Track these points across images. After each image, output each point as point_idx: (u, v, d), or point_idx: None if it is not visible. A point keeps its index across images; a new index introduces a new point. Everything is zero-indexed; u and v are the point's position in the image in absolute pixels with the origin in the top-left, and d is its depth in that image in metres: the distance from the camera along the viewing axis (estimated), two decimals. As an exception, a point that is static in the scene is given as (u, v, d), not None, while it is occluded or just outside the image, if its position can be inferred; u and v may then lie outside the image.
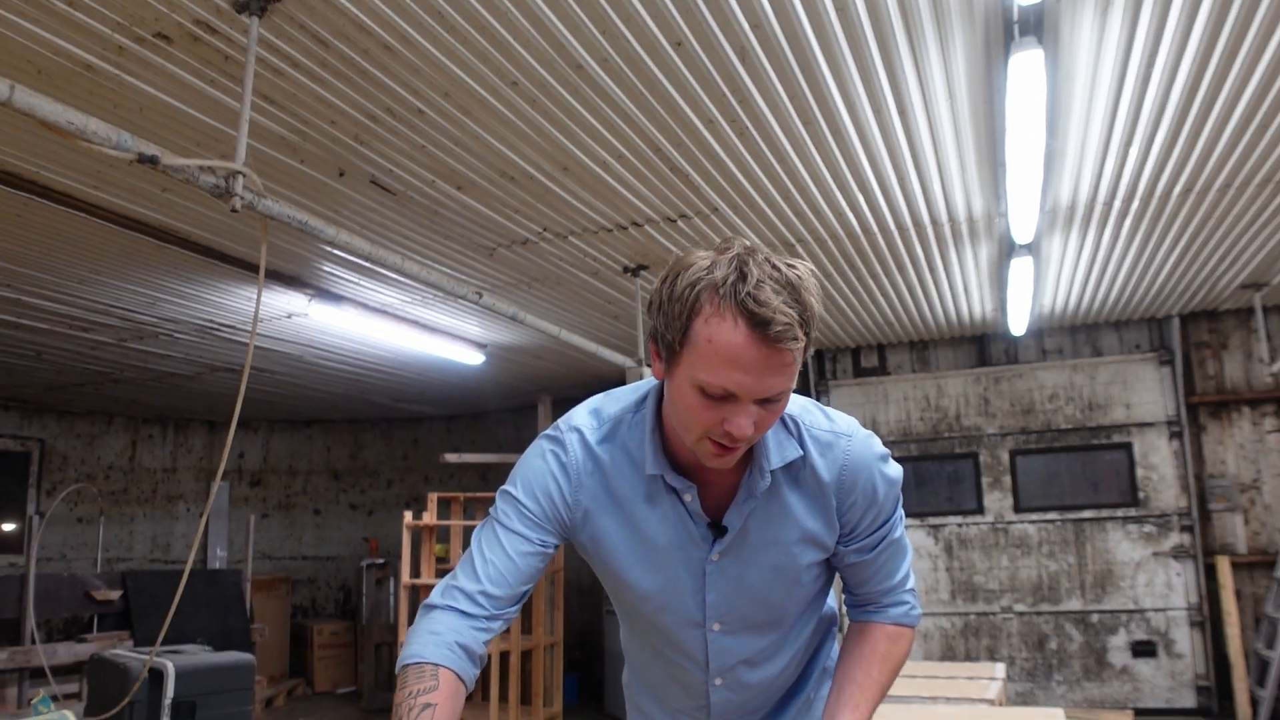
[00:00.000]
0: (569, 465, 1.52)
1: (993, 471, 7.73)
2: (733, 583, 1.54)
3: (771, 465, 1.48)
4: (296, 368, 7.83)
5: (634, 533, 1.54)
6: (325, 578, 10.88)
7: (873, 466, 1.53)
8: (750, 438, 1.35)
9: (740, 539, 1.52)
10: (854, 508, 1.53)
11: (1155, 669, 7.17)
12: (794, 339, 1.27)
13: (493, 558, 1.48)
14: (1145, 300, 6.90)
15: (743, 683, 1.64)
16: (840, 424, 1.55)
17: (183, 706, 4.42)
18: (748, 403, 1.31)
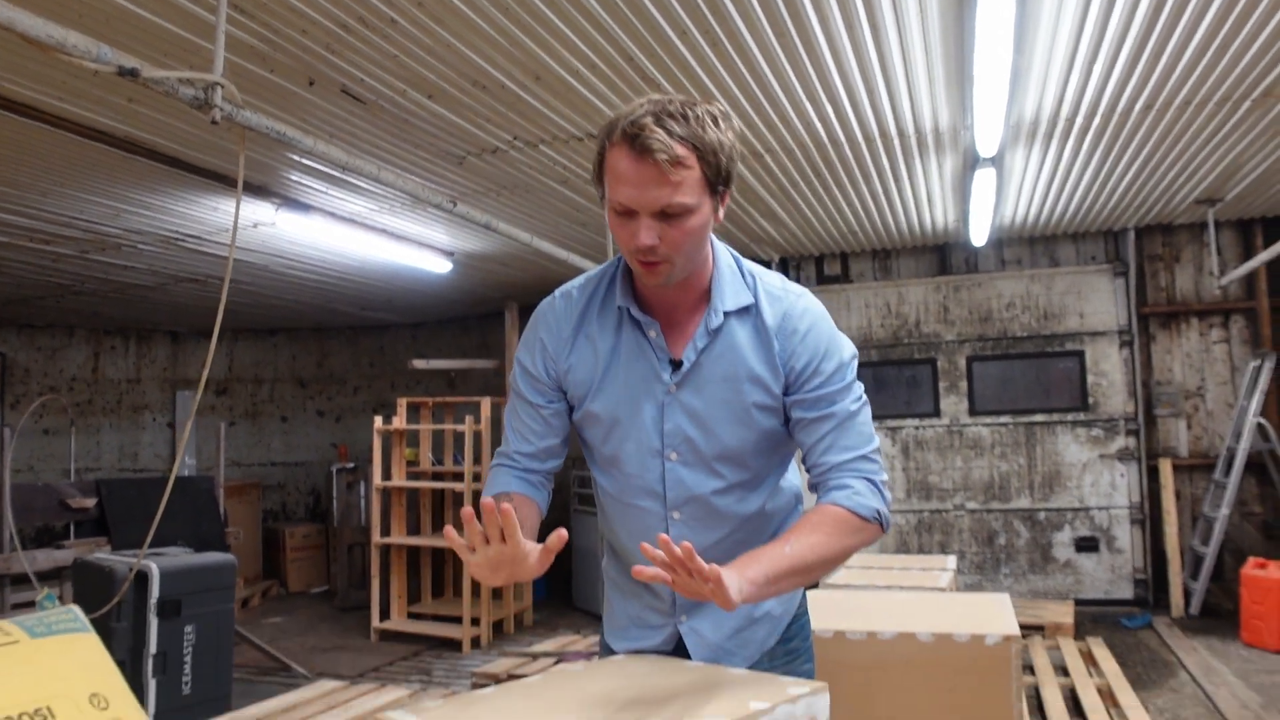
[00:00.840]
0: (552, 322, 1.78)
1: (950, 376, 7.96)
2: (688, 413, 1.71)
3: (725, 307, 1.69)
4: (262, 277, 7.80)
5: (605, 367, 1.74)
6: (295, 483, 11.00)
7: (817, 322, 1.70)
8: (664, 254, 1.56)
9: (695, 372, 1.70)
10: (795, 356, 1.68)
11: (1096, 563, 7.55)
12: (666, 154, 1.49)
13: (516, 424, 1.82)
14: (1103, 213, 7.05)
15: (698, 518, 1.75)
16: (794, 287, 1.75)
17: (168, 605, 4.56)
18: (645, 216, 1.54)
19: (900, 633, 2.98)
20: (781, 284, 1.74)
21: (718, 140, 1.55)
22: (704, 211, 1.58)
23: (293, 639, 7.32)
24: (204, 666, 4.66)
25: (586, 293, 1.79)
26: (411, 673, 6.15)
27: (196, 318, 9.72)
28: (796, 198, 6.31)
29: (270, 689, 5.72)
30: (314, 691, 4.31)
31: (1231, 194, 6.52)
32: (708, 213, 1.59)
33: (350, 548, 8.65)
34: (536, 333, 1.80)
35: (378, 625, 7.16)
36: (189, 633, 4.65)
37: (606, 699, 1.59)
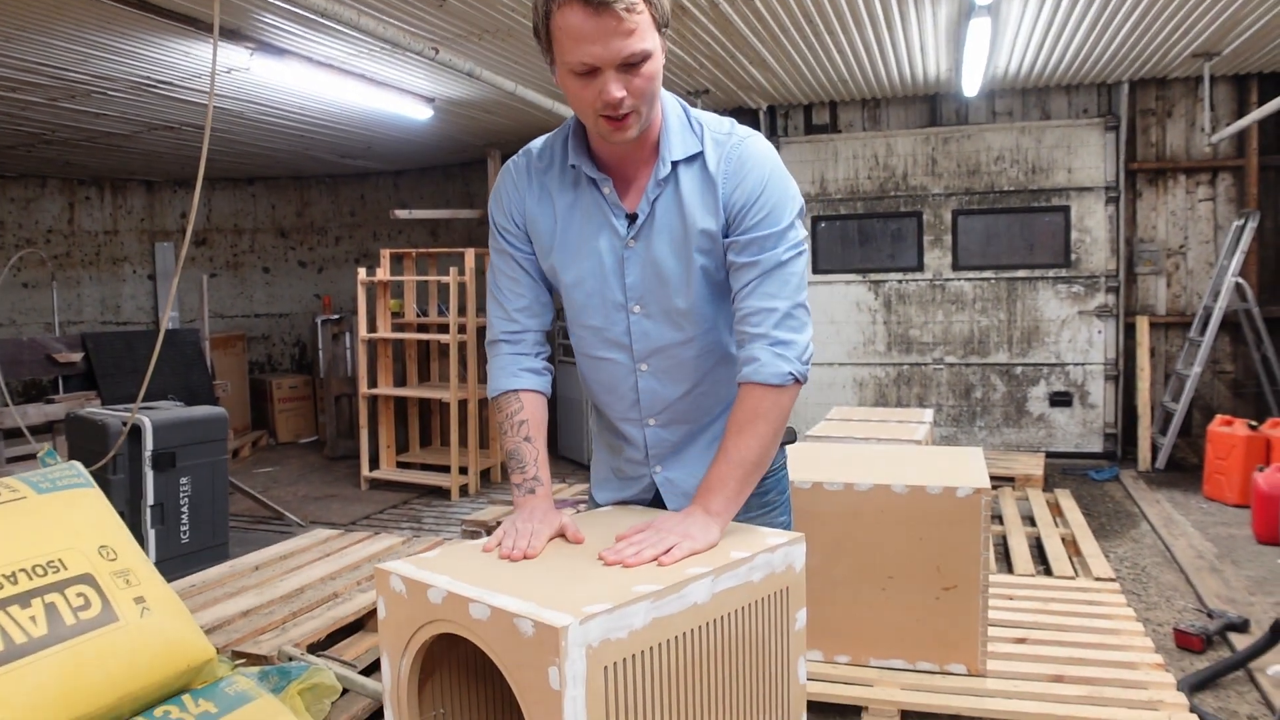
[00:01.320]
0: (516, 176, 1.83)
1: (935, 230, 7.95)
2: (646, 264, 1.75)
3: (673, 157, 1.71)
4: (238, 124, 7.61)
5: (566, 225, 1.79)
6: (280, 334, 11.03)
7: (760, 163, 1.70)
8: (632, 104, 1.58)
9: (649, 223, 1.74)
10: (734, 197, 1.70)
11: (1069, 417, 7.75)
12: (623, 4, 1.49)
13: (504, 282, 1.88)
14: (1098, 65, 6.91)
15: (665, 370, 1.82)
16: (740, 130, 1.76)
17: (162, 458, 4.65)
18: (609, 70, 1.54)
19: (876, 484, 3.09)
20: (730, 128, 1.75)
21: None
22: (658, 54, 1.59)
23: (284, 488, 7.50)
24: (201, 516, 4.79)
25: (545, 154, 1.82)
26: (402, 520, 6.34)
27: (172, 166, 9.52)
28: (787, 44, 6.14)
29: (265, 536, 5.91)
30: (309, 540, 4.45)
31: (1229, 48, 6.39)
32: (660, 54, 1.61)
33: (338, 398, 8.76)
34: (503, 186, 1.85)
35: (367, 474, 7.33)
36: (184, 484, 4.76)
37: (589, 550, 1.67)
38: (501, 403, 1.85)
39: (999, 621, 3.54)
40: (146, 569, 2.36)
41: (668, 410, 1.86)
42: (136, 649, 2.19)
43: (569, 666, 1.32)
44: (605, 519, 1.87)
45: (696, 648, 1.53)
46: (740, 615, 1.61)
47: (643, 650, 1.43)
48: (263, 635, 3.17)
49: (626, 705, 1.41)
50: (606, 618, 1.38)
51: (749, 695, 1.64)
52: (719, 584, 1.55)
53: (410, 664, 1.58)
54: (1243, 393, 7.55)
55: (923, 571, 3.07)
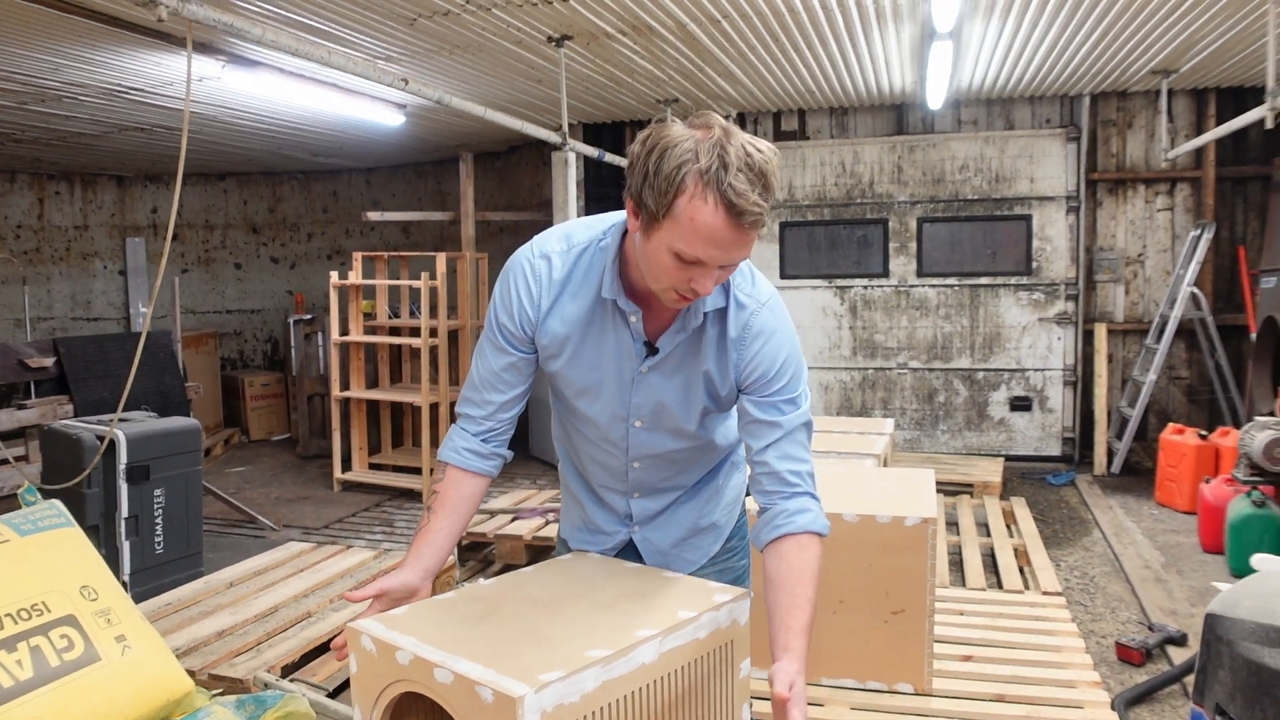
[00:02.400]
0: (533, 286, 1.82)
1: (900, 237, 8.10)
2: (653, 391, 1.85)
3: (706, 308, 1.78)
4: (210, 126, 7.63)
5: (583, 340, 1.83)
6: (252, 330, 11.04)
7: (775, 336, 1.81)
8: (708, 294, 1.65)
9: (666, 359, 1.82)
10: (751, 367, 1.80)
11: (1029, 422, 7.95)
12: (761, 224, 1.56)
13: (488, 374, 1.90)
14: (1060, 78, 7.06)
15: (656, 465, 1.96)
16: (760, 292, 1.83)
17: (136, 470, 4.71)
18: (714, 268, 1.60)
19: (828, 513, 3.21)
20: (750, 288, 1.81)
21: (776, 192, 1.60)
22: None
23: (257, 489, 7.57)
24: (175, 527, 4.86)
25: (569, 263, 1.82)
26: (375, 524, 6.43)
27: (142, 162, 9.50)
28: (754, 60, 6.25)
29: (239, 541, 5.99)
30: (284, 554, 4.55)
31: (1186, 66, 6.56)
32: None
33: (310, 397, 8.81)
34: (515, 292, 1.83)
35: (340, 476, 7.41)
36: (158, 496, 4.82)
37: (551, 607, 1.79)
38: (437, 468, 1.95)
39: (948, 638, 3.69)
40: (126, 606, 2.46)
41: (654, 489, 2.01)
42: (119, 686, 2.28)
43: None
44: (568, 572, 1.98)
45: (645, 704, 1.64)
46: (686, 670, 1.73)
47: (593, 710, 1.54)
48: (238, 657, 3.27)
49: None
50: (560, 685, 1.50)
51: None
52: (666, 644, 1.67)
53: (380, 717, 1.70)
54: (1197, 399, 7.77)
55: (872, 596, 3.21)
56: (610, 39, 5.57)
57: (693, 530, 2.06)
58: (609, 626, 1.70)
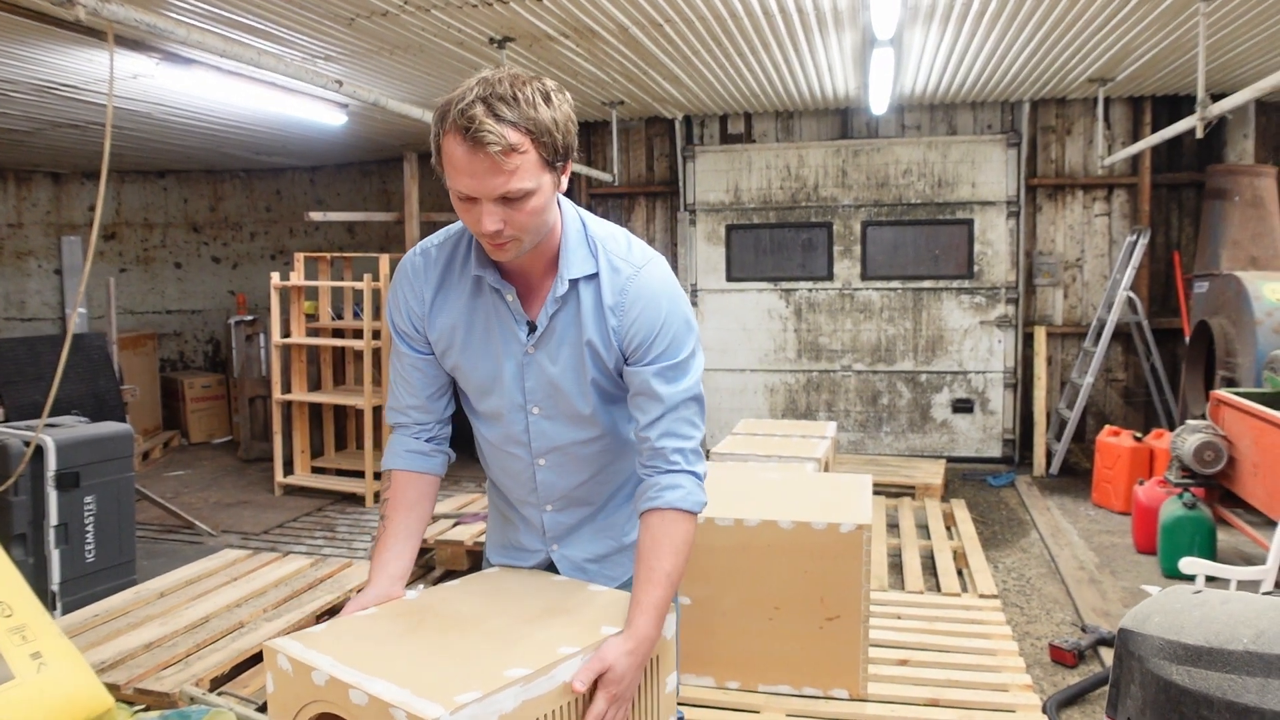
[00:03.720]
0: (414, 279, 1.85)
1: (844, 241, 8.17)
2: (544, 372, 1.82)
3: (570, 275, 1.76)
4: (147, 123, 7.46)
5: (469, 329, 1.83)
6: (192, 331, 10.83)
7: (654, 300, 1.77)
8: (510, 234, 1.63)
9: (547, 335, 1.80)
10: (629, 334, 1.77)
11: (970, 423, 8.06)
12: (499, 145, 1.52)
13: (399, 380, 1.93)
14: (1001, 85, 7.16)
15: (562, 464, 1.91)
16: (637, 256, 1.81)
17: (66, 477, 4.59)
18: (486, 202, 1.59)
19: (764, 520, 3.24)
20: (626, 252, 1.79)
21: (551, 119, 1.58)
22: (544, 190, 1.63)
23: (196, 493, 7.42)
24: (107, 535, 4.75)
25: (445, 252, 1.85)
26: (315, 529, 6.34)
27: (79, 159, 9.27)
28: (699, 64, 6.26)
29: (174, 547, 5.87)
30: (218, 562, 4.46)
31: (1123, 74, 6.69)
32: (549, 189, 1.65)
33: (252, 400, 8.67)
34: (400, 289, 1.87)
35: (281, 480, 7.30)
36: (89, 503, 4.71)
37: (474, 622, 1.77)
38: (383, 479, 1.95)
39: (884, 642, 3.72)
40: (43, 621, 2.39)
41: (565, 498, 1.96)
42: (33, 704, 2.22)
43: None
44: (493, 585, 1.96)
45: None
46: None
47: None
48: (165, 670, 3.20)
49: None
50: (476, 706, 1.47)
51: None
52: (530, 690, 1.60)
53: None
54: (1133, 401, 7.92)
55: (807, 602, 3.23)
56: (553, 41, 5.54)
57: (613, 549, 2.03)
58: (531, 643, 1.68)
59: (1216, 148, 7.48)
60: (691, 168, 8.35)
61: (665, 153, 8.52)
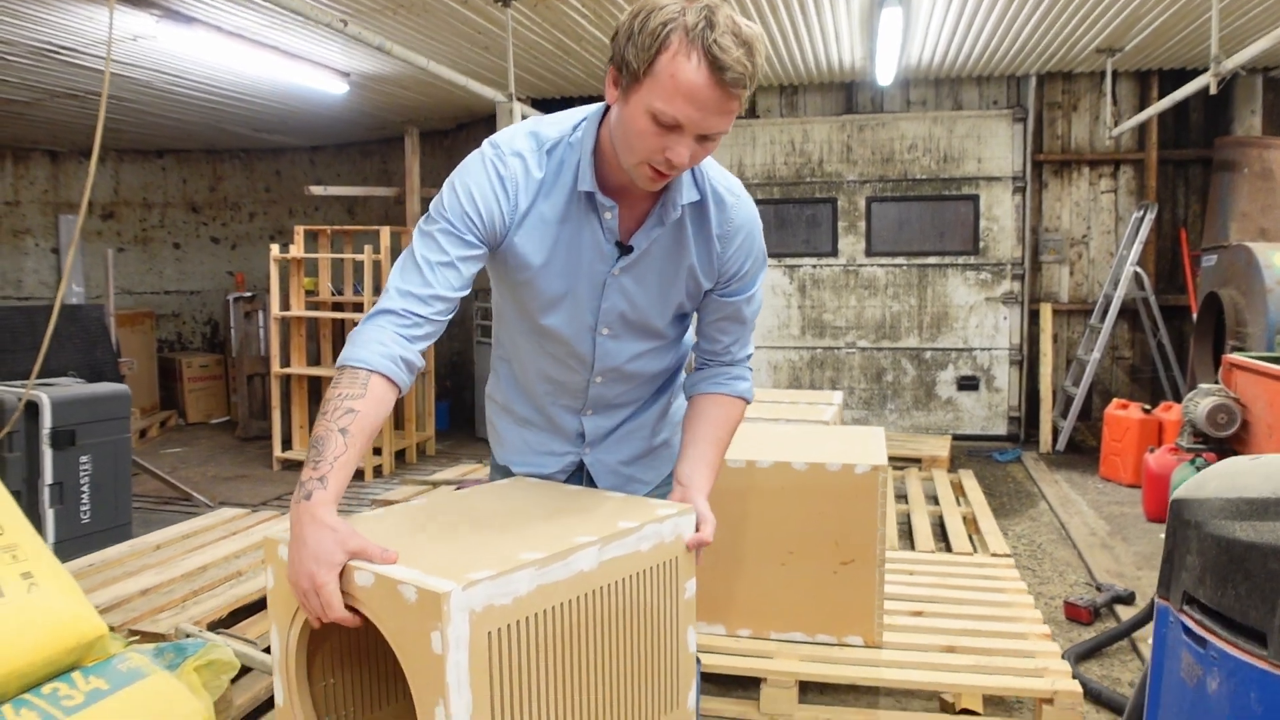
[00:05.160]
0: (508, 181, 1.66)
1: (849, 216, 8.09)
2: (624, 294, 1.77)
3: (683, 200, 1.70)
4: (146, 94, 7.39)
5: (556, 245, 1.71)
6: (190, 312, 10.75)
7: (753, 232, 1.81)
8: (683, 168, 1.55)
9: (640, 259, 1.74)
10: (730, 262, 1.79)
11: (975, 401, 7.98)
12: (743, 86, 1.47)
13: (438, 263, 1.62)
14: (1006, 57, 7.09)
15: (614, 382, 1.90)
16: (735, 184, 1.80)
17: (61, 435, 4.51)
18: (690, 136, 1.51)
19: (776, 461, 3.16)
20: (726, 185, 1.77)
21: (761, 71, 1.54)
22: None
23: (193, 468, 7.34)
24: (103, 496, 4.67)
25: (552, 164, 1.69)
26: (314, 500, 6.25)
27: (77, 135, 9.19)
28: (705, 31, 6.18)
29: (171, 517, 5.78)
30: (214, 519, 4.38)
31: (1131, 44, 6.62)
32: None
33: (250, 378, 8.59)
34: (486, 181, 1.66)
35: (280, 455, 7.22)
36: (85, 463, 4.63)
37: (485, 520, 1.69)
38: (347, 377, 1.53)
39: (897, 595, 3.64)
40: (35, 545, 2.31)
41: (609, 403, 1.94)
42: (22, 624, 2.14)
43: (451, 631, 1.32)
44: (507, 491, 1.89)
45: (583, 615, 1.54)
46: (628, 584, 1.62)
47: (528, 616, 1.44)
48: (161, 614, 3.12)
49: (511, 671, 1.41)
50: (490, 584, 1.39)
51: (638, 664, 1.66)
52: (606, 552, 1.57)
53: (299, 633, 1.58)
54: (1139, 377, 7.85)
55: (821, 547, 3.15)
56: (559, 0, 5.47)
57: (646, 449, 2.01)
58: (546, 535, 1.61)
59: (1223, 124, 7.42)
60: (695, 143, 8.26)
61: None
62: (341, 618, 1.39)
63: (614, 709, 1.61)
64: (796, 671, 2.97)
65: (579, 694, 1.54)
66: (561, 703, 1.51)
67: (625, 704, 1.63)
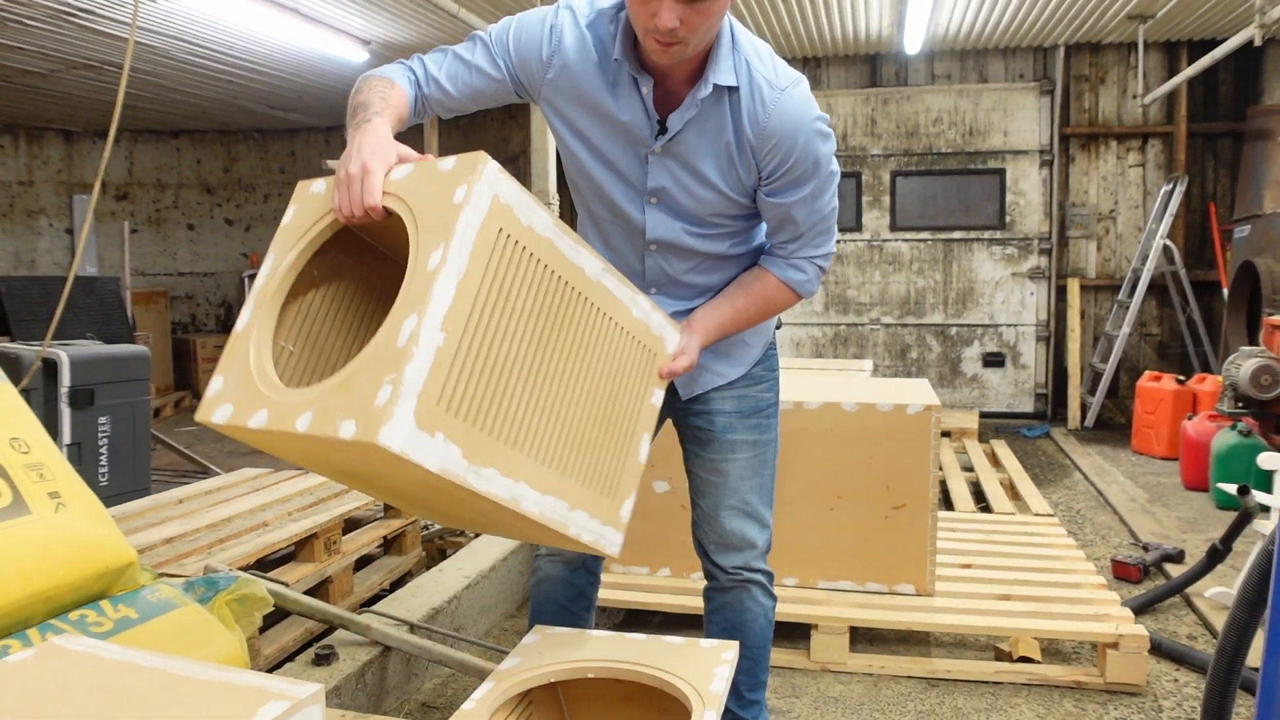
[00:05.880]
0: (557, 32, 1.71)
1: (873, 191, 7.97)
2: (668, 174, 1.75)
3: (717, 79, 1.65)
4: (164, 64, 7.30)
5: (596, 110, 1.73)
6: (204, 293, 10.67)
7: (797, 128, 1.68)
8: (683, 35, 1.52)
9: (679, 140, 1.71)
10: (769, 156, 1.69)
11: (1001, 377, 7.85)
12: None
13: (463, 59, 1.73)
14: (1036, 25, 6.97)
15: (671, 252, 1.84)
16: (782, 78, 1.69)
17: (80, 395, 4.42)
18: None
19: (826, 402, 3.05)
20: (772, 76, 1.68)
21: None
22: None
23: (209, 444, 7.24)
24: (121, 459, 4.57)
25: (593, 29, 1.73)
26: (334, 471, 6.15)
27: (91, 113, 9.11)
28: (731, -5, 6.07)
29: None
30: (237, 477, 4.28)
31: (1163, 10, 6.49)
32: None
33: (266, 356, 8.48)
34: (538, 29, 1.71)
35: (297, 429, 7.11)
36: (104, 424, 4.53)
37: None
38: (377, 80, 1.66)
39: (943, 550, 3.52)
40: (62, 466, 2.21)
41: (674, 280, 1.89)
42: (50, 545, 2.03)
43: (476, 189, 1.31)
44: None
45: (571, 312, 1.49)
46: (612, 329, 1.58)
47: (531, 253, 1.41)
48: (187, 559, 3.02)
49: (499, 288, 1.35)
50: (519, 192, 1.40)
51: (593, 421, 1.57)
52: (605, 276, 1.57)
53: (296, 256, 1.50)
54: (1167, 354, 7.72)
55: (872, 490, 3.03)
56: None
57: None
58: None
59: (1253, 95, 7.28)
60: (716, 117, 8.16)
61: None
62: (375, 204, 1.39)
63: (560, 441, 1.49)
64: (849, 617, 2.86)
65: (538, 386, 1.44)
66: (523, 374, 1.41)
67: (570, 451, 1.52)
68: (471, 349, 1.31)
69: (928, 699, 2.72)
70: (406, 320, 1.25)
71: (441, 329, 1.26)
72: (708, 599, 2.08)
